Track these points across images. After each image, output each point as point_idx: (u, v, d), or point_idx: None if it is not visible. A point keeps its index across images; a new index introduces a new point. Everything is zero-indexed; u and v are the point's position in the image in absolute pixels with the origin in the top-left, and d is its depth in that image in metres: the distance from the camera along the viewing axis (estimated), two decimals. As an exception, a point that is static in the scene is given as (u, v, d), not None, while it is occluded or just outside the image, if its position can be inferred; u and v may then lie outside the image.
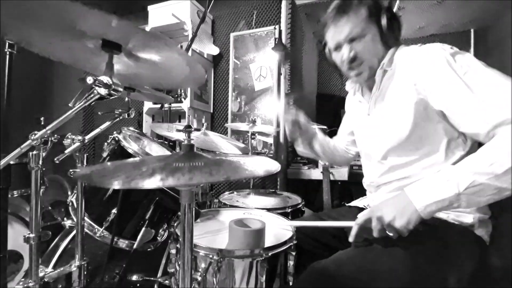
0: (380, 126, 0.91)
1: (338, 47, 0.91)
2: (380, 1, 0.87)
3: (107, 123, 1.04)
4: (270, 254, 0.73)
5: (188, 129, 0.61)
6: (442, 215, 0.79)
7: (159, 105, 2.12)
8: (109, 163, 0.76)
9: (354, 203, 1.07)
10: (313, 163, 2.17)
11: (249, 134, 1.66)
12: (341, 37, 0.88)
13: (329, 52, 0.97)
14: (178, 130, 1.29)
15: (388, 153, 0.89)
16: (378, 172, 0.94)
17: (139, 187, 0.41)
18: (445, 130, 0.79)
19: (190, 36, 2.13)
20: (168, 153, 1.28)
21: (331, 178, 1.88)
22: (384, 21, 0.85)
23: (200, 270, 0.72)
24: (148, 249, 1.01)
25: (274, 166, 0.53)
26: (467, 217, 0.78)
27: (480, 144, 0.72)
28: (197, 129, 1.41)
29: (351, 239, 0.74)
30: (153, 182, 0.42)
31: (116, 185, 0.43)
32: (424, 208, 0.66)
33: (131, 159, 0.76)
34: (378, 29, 0.86)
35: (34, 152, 0.74)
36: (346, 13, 0.86)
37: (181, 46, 2.39)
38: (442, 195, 0.65)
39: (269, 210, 1.14)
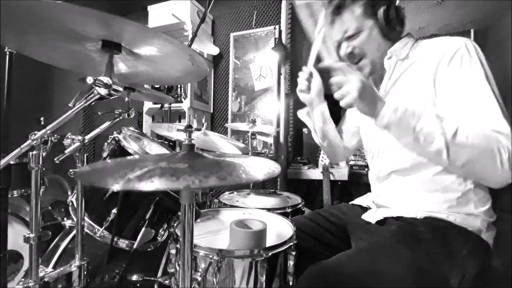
0: None
1: (339, 46, 0.95)
2: None
3: (107, 123, 1.04)
4: (270, 254, 0.73)
5: (189, 129, 0.61)
6: (449, 217, 0.79)
7: (159, 105, 2.12)
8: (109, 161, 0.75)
9: (357, 201, 1.07)
10: (313, 163, 2.17)
11: (249, 134, 1.66)
12: (339, 36, 0.93)
13: (336, 49, 0.99)
14: (178, 130, 1.29)
15: (396, 146, 0.87)
16: (385, 165, 0.94)
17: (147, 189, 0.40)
18: None
19: (190, 36, 2.13)
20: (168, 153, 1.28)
21: (331, 178, 1.88)
22: (380, 15, 0.87)
23: (200, 270, 0.72)
24: (148, 249, 1.01)
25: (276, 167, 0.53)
26: (475, 221, 0.78)
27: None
28: (198, 129, 1.41)
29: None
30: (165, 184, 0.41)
31: (119, 187, 0.41)
32: (385, 110, 0.71)
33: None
34: (376, 23, 0.88)
35: (34, 152, 0.74)
36: (340, 14, 0.90)
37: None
38: (397, 114, 0.70)
39: (269, 210, 1.14)
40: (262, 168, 0.51)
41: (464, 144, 0.67)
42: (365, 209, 1.01)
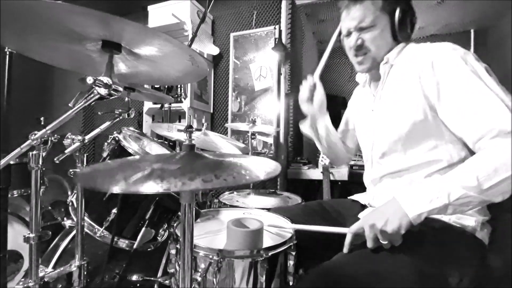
0: (382, 121, 0.92)
1: (348, 34, 0.92)
2: None
3: (107, 123, 1.04)
4: (270, 254, 0.73)
5: (189, 129, 0.61)
6: (443, 217, 0.79)
7: (159, 105, 2.12)
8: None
9: (356, 197, 1.07)
10: (313, 163, 2.17)
11: (249, 134, 1.66)
12: (352, 24, 0.89)
13: (341, 37, 0.98)
14: (179, 130, 1.29)
15: (388, 149, 0.89)
16: (378, 168, 0.95)
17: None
18: (441, 128, 0.80)
19: (190, 36, 2.13)
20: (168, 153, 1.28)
21: (331, 178, 1.88)
22: (398, 14, 0.85)
23: (200, 270, 0.72)
24: (148, 249, 1.01)
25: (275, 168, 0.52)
26: (469, 220, 0.78)
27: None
28: (198, 129, 1.41)
29: (345, 250, 0.75)
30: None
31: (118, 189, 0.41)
32: (414, 215, 0.68)
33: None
34: (390, 21, 0.87)
35: (34, 152, 0.74)
36: (360, 0, 0.87)
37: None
38: (432, 205, 0.67)
39: (269, 210, 1.14)
40: (259, 169, 0.50)
41: (491, 180, 0.64)
42: (363, 206, 1.01)
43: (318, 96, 1.05)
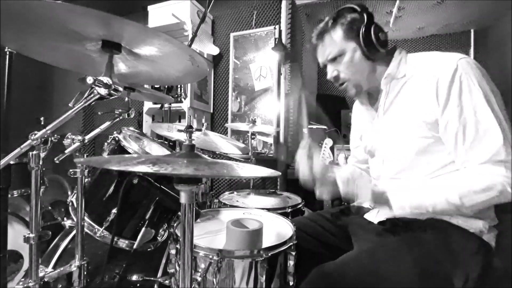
0: (391, 136, 0.90)
1: (324, 67, 0.96)
2: (360, 16, 0.87)
3: (107, 123, 1.04)
4: (270, 254, 0.73)
5: (189, 129, 0.61)
6: (452, 219, 0.79)
7: (159, 105, 2.12)
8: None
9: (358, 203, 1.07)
10: (313, 163, 2.17)
11: (249, 134, 1.66)
12: (322, 59, 0.95)
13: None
14: (179, 130, 1.29)
15: (401, 168, 0.88)
16: (385, 172, 0.94)
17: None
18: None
19: (190, 36, 2.13)
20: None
21: (331, 178, 1.87)
22: (362, 37, 0.85)
23: (200, 270, 0.72)
24: (148, 249, 1.01)
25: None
26: (476, 223, 0.78)
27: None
28: (198, 129, 1.41)
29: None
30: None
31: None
32: (398, 209, 0.76)
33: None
34: (358, 45, 0.87)
35: (34, 152, 0.74)
36: (322, 38, 0.91)
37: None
38: (416, 208, 0.75)
39: (269, 210, 1.14)
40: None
41: (472, 201, 0.70)
42: (367, 209, 1.01)
43: (317, 161, 0.90)
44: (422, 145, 0.81)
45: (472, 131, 0.72)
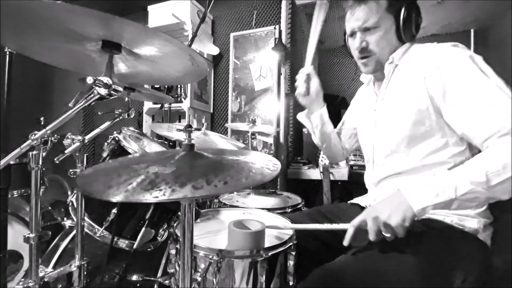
0: (385, 121, 0.92)
1: (352, 34, 0.92)
2: None
3: (107, 123, 1.04)
4: (270, 254, 0.73)
5: (188, 129, 0.61)
6: (446, 219, 0.79)
7: (159, 105, 2.12)
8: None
9: (356, 200, 1.07)
10: (313, 163, 2.17)
11: (249, 134, 1.66)
12: (356, 25, 0.88)
13: (346, 37, 0.98)
14: (178, 130, 1.29)
15: (390, 150, 0.89)
16: (380, 170, 0.94)
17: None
18: (445, 130, 0.79)
19: (190, 36, 2.13)
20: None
21: (331, 178, 1.88)
22: (403, 15, 0.84)
23: (200, 270, 0.72)
24: (148, 249, 1.01)
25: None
26: (471, 222, 0.78)
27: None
28: (198, 129, 1.41)
29: (345, 242, 0.73)
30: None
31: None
32: (419, 208, 0.67)
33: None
34: (395, 22, 0.86)
35: (34, 152, 0.74)
36: (365, 1, 0.86)
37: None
38: (438, 198, 0.66)
39: (269, 210, 1.14)
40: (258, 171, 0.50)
41: (501, 179, 0.63)
42: (364, 209, 1.01)
43: (314, 85, 1.07)
44: (413, 128, 0.82)
45: (480, 107, 0.70)
